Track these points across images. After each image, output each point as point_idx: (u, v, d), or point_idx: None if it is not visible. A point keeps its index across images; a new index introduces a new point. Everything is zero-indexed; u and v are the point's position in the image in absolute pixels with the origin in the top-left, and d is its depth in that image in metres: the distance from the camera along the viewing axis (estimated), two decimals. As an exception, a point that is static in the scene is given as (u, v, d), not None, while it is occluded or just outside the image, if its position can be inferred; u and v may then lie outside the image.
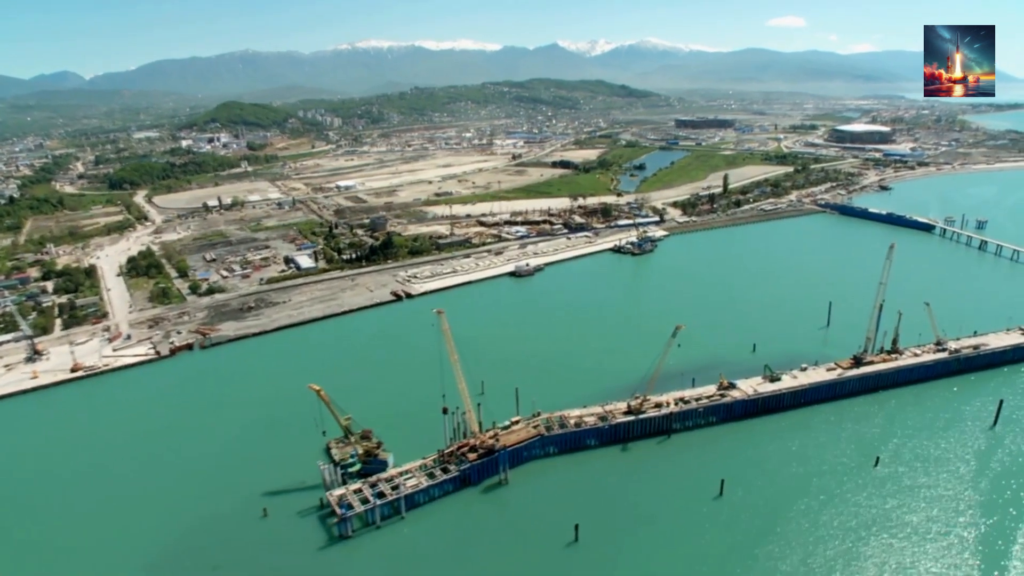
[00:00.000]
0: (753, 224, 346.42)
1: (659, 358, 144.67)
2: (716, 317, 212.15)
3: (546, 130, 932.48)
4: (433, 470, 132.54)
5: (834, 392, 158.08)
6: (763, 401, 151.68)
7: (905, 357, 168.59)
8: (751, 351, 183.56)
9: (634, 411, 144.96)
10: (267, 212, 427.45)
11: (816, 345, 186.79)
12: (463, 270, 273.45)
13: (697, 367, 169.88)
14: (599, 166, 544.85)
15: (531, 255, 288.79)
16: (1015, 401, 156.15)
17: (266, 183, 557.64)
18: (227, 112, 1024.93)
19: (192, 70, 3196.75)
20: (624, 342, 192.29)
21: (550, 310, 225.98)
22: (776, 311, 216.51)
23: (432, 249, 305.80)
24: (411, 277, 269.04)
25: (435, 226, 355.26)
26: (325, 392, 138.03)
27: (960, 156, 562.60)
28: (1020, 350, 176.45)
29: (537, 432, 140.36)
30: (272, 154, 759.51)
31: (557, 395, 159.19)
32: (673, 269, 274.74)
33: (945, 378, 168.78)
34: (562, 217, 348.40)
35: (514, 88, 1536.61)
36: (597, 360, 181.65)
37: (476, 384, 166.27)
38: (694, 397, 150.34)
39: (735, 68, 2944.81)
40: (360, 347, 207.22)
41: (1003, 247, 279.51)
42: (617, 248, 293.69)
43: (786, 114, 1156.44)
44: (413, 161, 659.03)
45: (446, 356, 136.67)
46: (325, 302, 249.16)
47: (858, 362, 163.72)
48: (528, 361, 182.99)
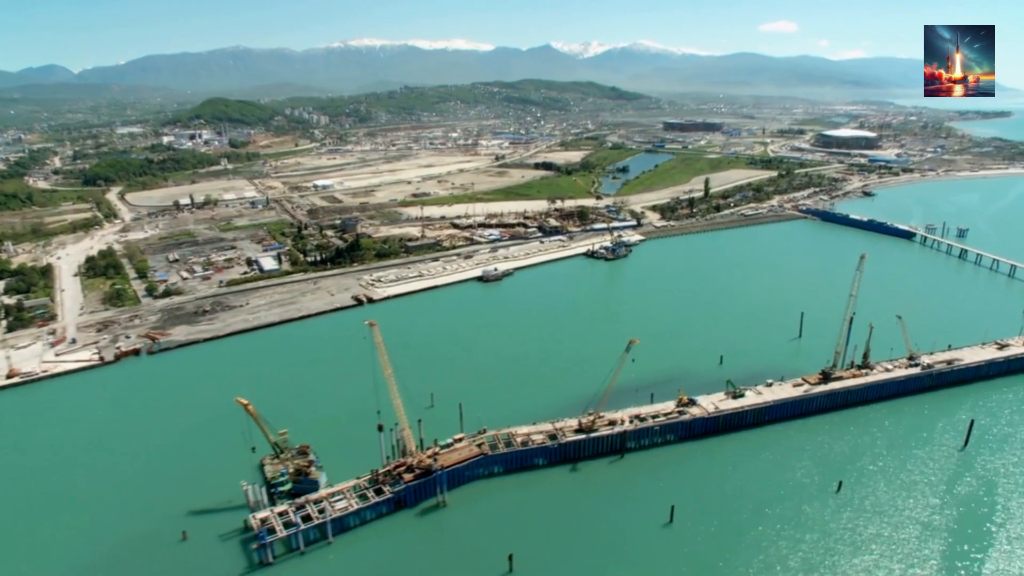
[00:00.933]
0: (732, 229, 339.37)
1: (612, 373, 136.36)
2: (685, 326, 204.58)
3: (533, 131, 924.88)
4: (366, 491, 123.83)
5: (800, 409, 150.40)
6: (724, 419, 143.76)
7: (876, 372, 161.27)
8: (718, 363, 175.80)
9: (585, 429, 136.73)
10: (239, 211, 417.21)
11: (787, 357, 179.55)
12: (429, 274, 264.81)
13: (659, 380, 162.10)
14: (582, 168, 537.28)
15: (501, 259, 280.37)
16: (986, 421, 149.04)
17: (244, 181, 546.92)
18: (212, 109, 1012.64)
19: (182, 66, 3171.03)
20: (586, 353, 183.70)
21: (513, 318, 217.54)
22: (748, 321, 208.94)
23: (400, 252, 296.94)
24: (375, 281, 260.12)
25: (408, 228, 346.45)
26: (254, 407, 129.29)
27: (945, 163, 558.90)
28: (995, 366, 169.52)
29: (480, 451, 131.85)
30: (254, 152, 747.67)
31: (509, 410, 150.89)
32: (646, 275, 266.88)
33: (917, 394, 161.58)
34: (537, 220, 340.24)
35: (504, 88, 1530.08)
36: (556, 372, 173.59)
37: (425, 396, 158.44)
38: (651, 414, 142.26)
39: (727, 72, 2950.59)
40: (313, 355, 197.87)
41: (983, 256, 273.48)
42: (590, 253, 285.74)
43: (775, 118, 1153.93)
44: (395, 161, 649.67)
45: (381, 370, 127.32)
46: (283, 306, 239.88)
47: (826, 377, 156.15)
48: (483, 372, 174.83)
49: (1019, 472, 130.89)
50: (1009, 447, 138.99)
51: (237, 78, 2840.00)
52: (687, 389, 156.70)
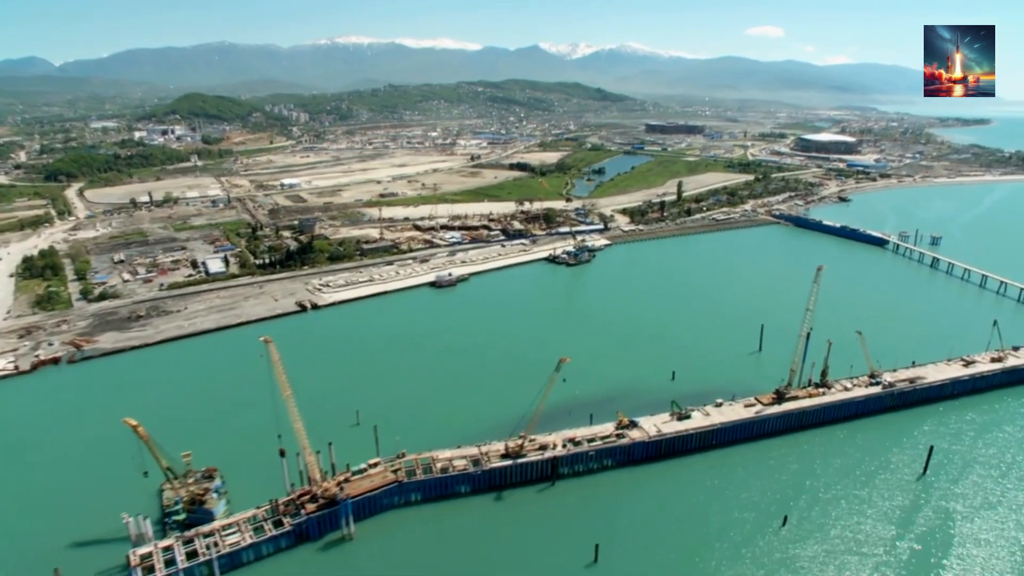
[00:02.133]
0: (702, 234, 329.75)
1: (541, 394, 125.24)
2: (640, 338, 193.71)
3: (514, 131, 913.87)
4: (264, 523, 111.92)
5: (751, 432, 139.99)
6: (667, 443, 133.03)
7: (834, 391, 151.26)
8: (670, 379, 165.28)
9: (512, 454, 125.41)
10: (199, 210, 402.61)
11: (745, 373, 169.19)
12: (381, 279, 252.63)
13: (603, 399, 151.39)
14: (557, 170, 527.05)
15: (458, 263, 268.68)
16: (947, 445, 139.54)
17: (211, 179, 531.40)
18: (188, 104, 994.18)
19: (166, 60, 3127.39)
20: (530, 367, 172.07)
21: (459, 327, 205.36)
22: (707, 332, 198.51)
23: (356, 255, 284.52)
24: (324, 285, 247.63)
25: (369, 229, 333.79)
26: (144, 428, 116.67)
27: (922, 169, 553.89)
28: (959, 384, 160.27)
29: (395, 478, 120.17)
30: (227, 149, 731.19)
31: (439, 430, 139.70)
32: (607, 282, 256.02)
33: (877, 415, 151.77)
34: (502, 223, 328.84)
35: (488, 88, 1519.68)
36: (496, 388, 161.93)
37: (350, 414, 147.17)
38: (587, 437, 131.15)
39: (713, 75, 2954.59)
40: (243, 365, 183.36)
41: (955, 265, 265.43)
42: (552, 258, 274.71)
43: (758, 122, 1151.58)
44: (370, 160, 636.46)
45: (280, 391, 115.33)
46: (223, 312, 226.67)
47: (780, 397, 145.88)
48: (417, 388, 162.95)
49: (978, 503, 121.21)
50: (968, 476, 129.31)
51: (222, 74, 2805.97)
52: (634, 408, 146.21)
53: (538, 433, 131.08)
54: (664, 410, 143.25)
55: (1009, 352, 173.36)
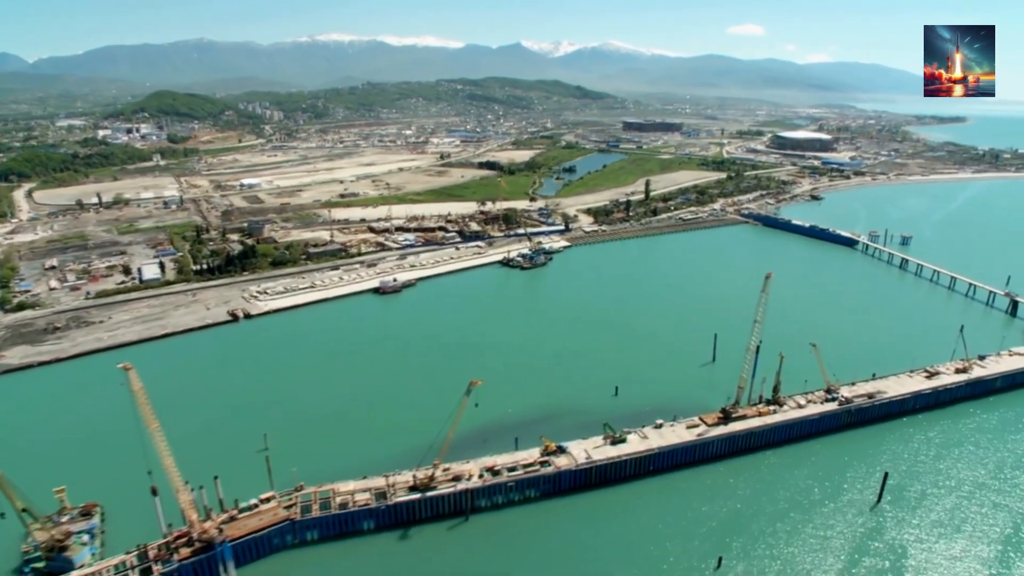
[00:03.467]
0: (667, 235, 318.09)
1: (452, 420, 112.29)
2: (585, 349, 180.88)
3: (489, 129, 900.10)
4: (131, 572, 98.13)
5: (693, 456, 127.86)
6: (598, 470, 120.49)
7: (786, 409, 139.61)
8: (613, 395, 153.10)
9: (421, 486, 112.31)
10: (149, 212, 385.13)
11: (695, 387, 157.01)
12: (323, 285, 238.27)
13: (535, 419, 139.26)
14: (527, 168, 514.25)
15: (407, 267, 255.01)
16: (905, 467, 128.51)
17: (170, 179, 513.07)
18: (158, 102, 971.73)
19: (143, 57, 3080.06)
20: (462, 384, 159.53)
21: (395, 338, 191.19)
22: (659, 342, 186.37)
23: (301, 259, 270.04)
24: (261, 292, 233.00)
25: (322, 232, 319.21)
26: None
27: (897, 166, 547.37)
28: (921, 398, 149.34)
29: (288, 515, 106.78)
30: (193, 148, 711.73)
31: (346, 457, 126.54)
32: (561, 287, 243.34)
33: (833, 433, 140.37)
34: (459, 224, 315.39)
35: (468, 86, 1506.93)
36: (420, 408, 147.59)
37: (256, 438, 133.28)
38: (508, 465, 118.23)
39: (695, 73, 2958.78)
40: (155, 384, 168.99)
41: (923, 267, 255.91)
42: (505, 261, 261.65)
43: (737, 119, 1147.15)
44: (338, 159, 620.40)
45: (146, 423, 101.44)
46: (148, 322, 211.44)
47: (726, 417, 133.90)
48: (333, 408, 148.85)
49: (933, 538, 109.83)
50: (925, 505, 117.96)
51: (200, 71, 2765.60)
52: (569, 429, 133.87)
53: (454, 461, 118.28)
54: (600, 432, 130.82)
55: (974, 362, 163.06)
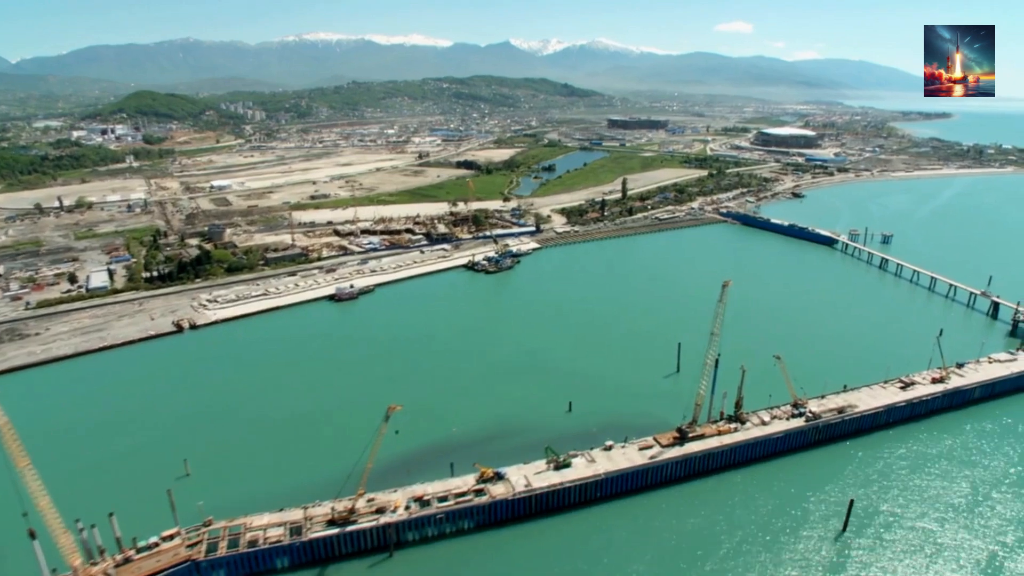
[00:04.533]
0: (642, 235, 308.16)
1: (371, 449, 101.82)
2: (542, 361, 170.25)
3: (473, 128, 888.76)
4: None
5: (644, 481, 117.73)
6: (538, 499, 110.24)
7: (748, 427, 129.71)
8: (566, 411, 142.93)
9: (340, 520, 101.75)
10: (112, 216, 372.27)
11: (657, 401, 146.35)
12: (277, 292, 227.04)
13: (477, 440, 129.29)
14: (505, 167, 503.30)
15: (367, 273, 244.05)
16: (874, 489, 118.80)
17: (140, 181, 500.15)
18: (137, 102, 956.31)
19: (128, 57, 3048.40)
20: (403, 402, 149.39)
21: (341, 351, 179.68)
22: (621, 351, 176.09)
23: (259, 264, 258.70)
24: (211, 301, 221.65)
25: (286, 235, 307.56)
26: None
27: (881, 163, 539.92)
28: (895, 411, 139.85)
29: (189, 555, 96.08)
30: (169, 148, 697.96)
31: (267, 486, 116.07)
32: (526, 292, 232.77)
33: (799, 452, 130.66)
34: (427, 226, 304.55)
35: (454, 85, 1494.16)
36: (356, 428, 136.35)
37: (176, 463, 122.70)
38: (438, 495, 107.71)
39: (683, 71, 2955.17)
40: (80, 404, 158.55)
41: (903, 267, 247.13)
42: (471, 265, 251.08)
43: (724, 116, 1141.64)
44: (315, 159, 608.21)
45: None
46: (88, 334, 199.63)
47: (683, 437, 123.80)
48: (262, 430, 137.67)
49: (902, 570, 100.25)
50: (894, 533, 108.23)
51: (186, 71, 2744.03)
52: (514, 450, 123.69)
53: (380, 490, 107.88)
54: (559, 445, 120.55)
55: (952, 370, 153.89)
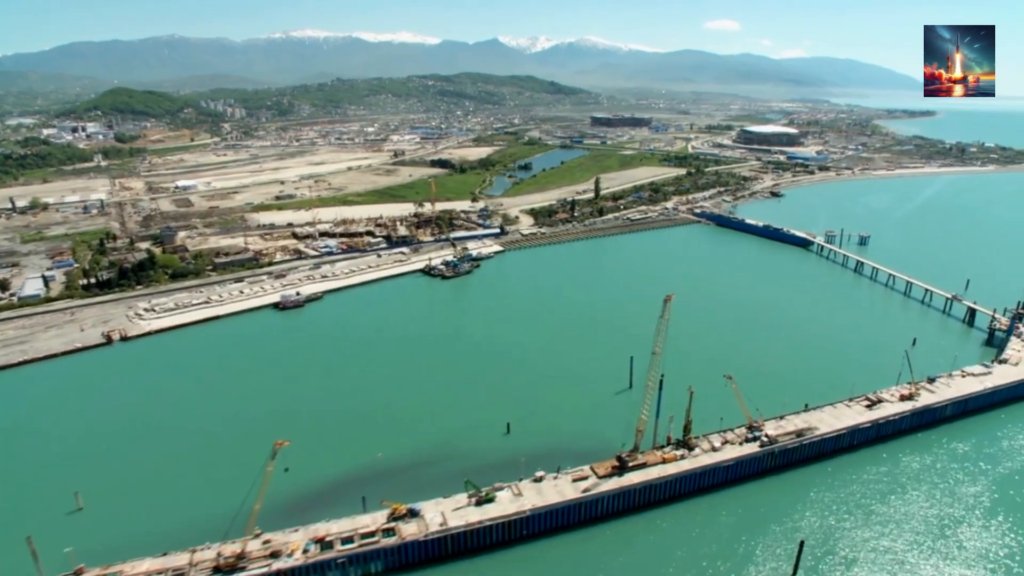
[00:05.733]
0: (612, 237, 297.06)
1: (259, 488, 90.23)
2: (486, 375, 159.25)
3: (454, 126, 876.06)
4: None
5: (578, 516, 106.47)
6: (454, 540, 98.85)
7: (697, 453, 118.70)
8: (504, 433, 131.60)
9: (227, 566, 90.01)
10: (66, 217, 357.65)
11: (604, 421, 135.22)
12: (219, 300, 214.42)
13: (398, 470, 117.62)
14: (480, 166, 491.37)
15: (317, 278, 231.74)
16: (831, 523, 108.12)
17: (105, 181, 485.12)
18: (112, 99, 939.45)
19: (113, 54, 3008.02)
20: (335, 423, 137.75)
21: (275, 365, 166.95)
22: (572, 365, 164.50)
23: (207, 270, 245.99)
24: (149, 309, 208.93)
25: (242, 238, 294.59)
26: None
27: (862, 161, 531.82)
28: (859, 433, 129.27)
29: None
30: (141, 147, 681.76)
31: (154, 524, 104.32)
32: (482, 299, 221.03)
33: (753, 480, 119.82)
34: (388, 228, 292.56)
35: (439, 82, 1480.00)
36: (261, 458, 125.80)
37: (66, 497, 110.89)
38: (343, 535, 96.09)
39: (672, 68, 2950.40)
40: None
41: (879, 270, 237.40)
42: (427, 269, 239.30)
43: (710, 114, 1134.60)
44: (289, 158, 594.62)
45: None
46: (8, 347, 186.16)
47: (622, 466, 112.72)
48: (167, 458, 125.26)
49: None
50: (854, 571, 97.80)
51: (172, 68, 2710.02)
52: (439, 481, 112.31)
53: (280, 529, 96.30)
54: (479, 482, 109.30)
55: (922, 386, 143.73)
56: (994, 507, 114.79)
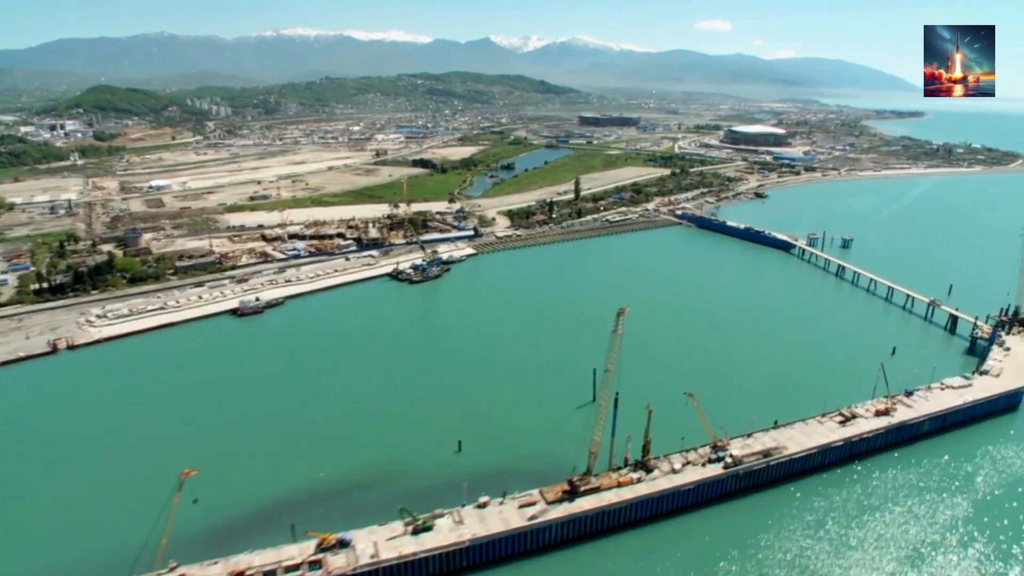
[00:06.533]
0: (590, 239, 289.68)
1: (167, 519, 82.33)
2: (444, 387, 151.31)
3: (440, 125, 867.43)
4: None
5: (523, 545, 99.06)
6: (385, 573, 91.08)
7: (656, 475, 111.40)
8: (455, 451, 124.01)
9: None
10: (32, 218, 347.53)
11: (561, 440, 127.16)
12: (176, 306, 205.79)
13: (336, 492, 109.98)
14: (462, 166, 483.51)
15: (281, 283, 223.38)
16: (793, 554, 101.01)
17: (79, 180, 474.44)
18: (96, 97, 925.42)
19: (100, 51, 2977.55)
20: (282, 438, 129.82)
21: (227, 377, 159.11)
22: (536, 376, 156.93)
23: (168, 273, 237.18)
24: (101, 316, 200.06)
25: (212, 239, 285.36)
26: None
27: (849, 162, 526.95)
28: (831, 452, 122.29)
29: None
30: (120, 146, 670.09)
31: (66, 555, 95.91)
32: (449, 305, 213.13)
33: (716, 504, 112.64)
34: (359, 230, 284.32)
35: (428, 81, 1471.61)
36: (204, 481, 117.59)
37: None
38: (264, 568, 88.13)
39: (663, 68, 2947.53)
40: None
41: (860, 275, 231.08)
42: (395, 273, 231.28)
43: (699, 114, 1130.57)
44: (270, 157, 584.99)
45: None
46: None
47: (573, 490, 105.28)
48: (91, 482, 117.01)
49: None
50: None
51: (161, 66, 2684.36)
52: (378, 504, 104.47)
53: (199, 562, 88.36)
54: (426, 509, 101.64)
55: (900, 399, 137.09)
56: (972, 529, 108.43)
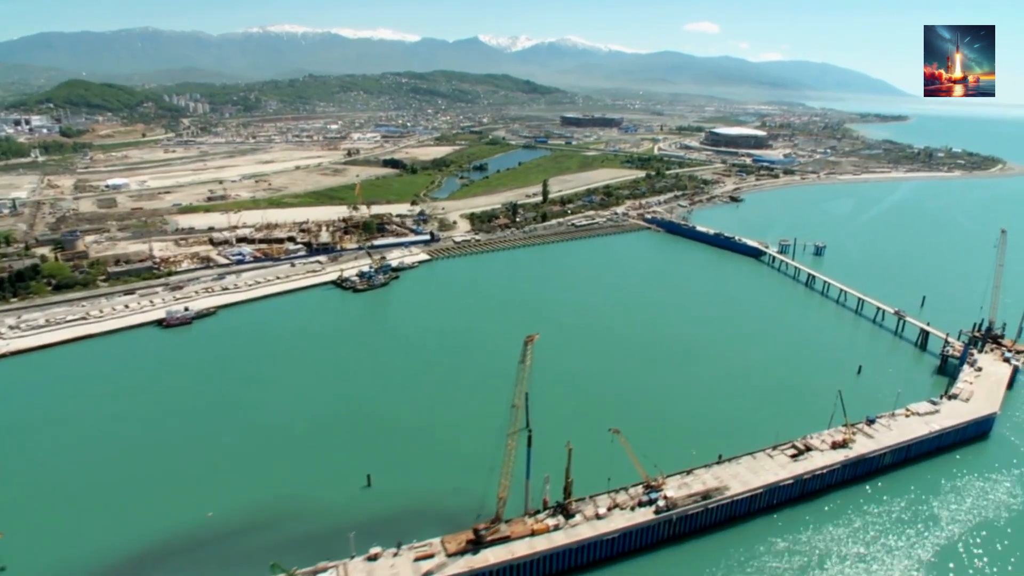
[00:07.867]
0: (554, 244, 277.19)
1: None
2: (369, 411, 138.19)
3: (420, 124, 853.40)
4: None
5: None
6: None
7: (577, 521, 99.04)
8: (364, 486, 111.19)
9: None
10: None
11: (487, 474, 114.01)
12: (99, 316, 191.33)
13: (225, 534, 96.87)
14: (434, 166, 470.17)
15: (217, 291, 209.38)
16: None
17: (34, 178, 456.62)
18: (67, 92, 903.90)
19: (83, 45, 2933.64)
20: (176, 471, 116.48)
21: (136, 397, 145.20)
22: (467, 400, 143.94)
23: (98, 280, 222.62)
24: (15, 326, 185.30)
25: (159, 242, 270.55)
26: None
27: (829, 165, 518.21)
28: (781, 491, 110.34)
29: None
30: (87, 142, 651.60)
31: None
32: (394, 317, 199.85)
33: (646, 553, 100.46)
34: (311, 233, 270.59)
35: (413, 79, 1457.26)
36: (111, 511, 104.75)
37: None
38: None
39: (650, 69, 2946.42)
40: None
41: (831, 285, 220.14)
42: (340, 281, 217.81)
43: (684, 115, 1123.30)
44: (239, 155, 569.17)
45: None
46: None
47: (478, 541, 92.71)
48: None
49: None
50: None
51: (144, 61, 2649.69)
52: (274, 550, 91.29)
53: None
54: (314, 559, 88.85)
55: (860, 428, 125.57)
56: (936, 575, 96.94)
